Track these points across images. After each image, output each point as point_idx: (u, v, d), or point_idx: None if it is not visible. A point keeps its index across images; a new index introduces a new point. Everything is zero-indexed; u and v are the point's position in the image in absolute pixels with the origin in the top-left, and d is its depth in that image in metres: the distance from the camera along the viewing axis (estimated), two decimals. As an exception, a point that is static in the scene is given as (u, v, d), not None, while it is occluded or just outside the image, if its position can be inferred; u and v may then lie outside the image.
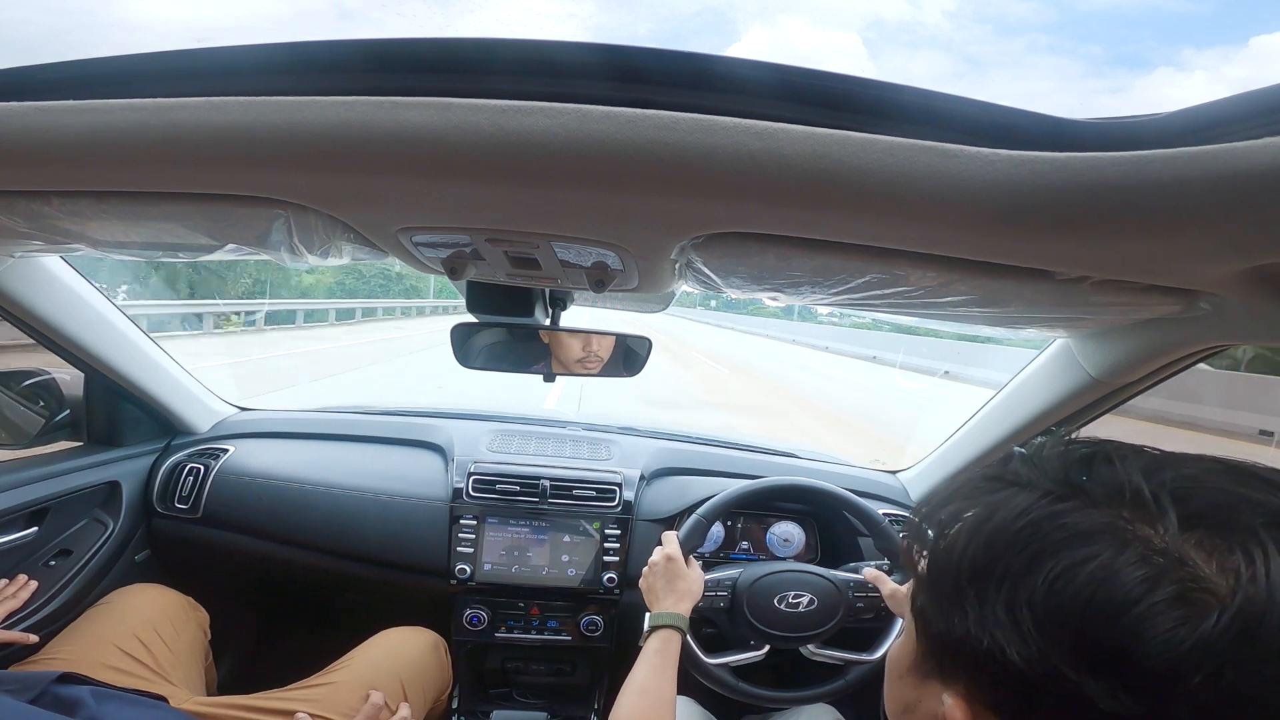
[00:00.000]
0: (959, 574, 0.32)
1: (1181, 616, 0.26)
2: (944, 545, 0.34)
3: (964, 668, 0.33)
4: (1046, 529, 0.30)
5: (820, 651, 0.99)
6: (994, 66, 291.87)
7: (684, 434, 1.48)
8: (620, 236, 0.51)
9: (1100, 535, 0.29)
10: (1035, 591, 0.29)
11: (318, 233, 0.55)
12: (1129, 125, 0.34)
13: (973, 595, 0.31)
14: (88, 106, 0.40)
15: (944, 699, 0.34)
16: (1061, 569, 0.28)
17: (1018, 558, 0.30)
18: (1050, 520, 0.30)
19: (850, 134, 0.36)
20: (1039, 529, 0.30)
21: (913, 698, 0.38)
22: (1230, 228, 0.37)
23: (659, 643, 0.81)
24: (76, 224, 0.58)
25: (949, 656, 0.34)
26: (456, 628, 1.15)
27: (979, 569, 0.31)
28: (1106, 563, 0.28)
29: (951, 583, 0.33)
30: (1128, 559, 0.27)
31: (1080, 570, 0.28)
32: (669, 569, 0.91)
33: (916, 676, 0.37)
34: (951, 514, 0.35)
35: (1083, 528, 0.29)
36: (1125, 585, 0.27)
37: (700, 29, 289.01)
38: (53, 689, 0.56)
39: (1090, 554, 0.28)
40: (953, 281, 0.52)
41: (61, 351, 0.99)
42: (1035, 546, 0.30)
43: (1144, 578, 0.27)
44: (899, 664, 0.40)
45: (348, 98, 0.37)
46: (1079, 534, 0.29)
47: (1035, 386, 0.93)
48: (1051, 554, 0.29)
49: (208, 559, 1.23)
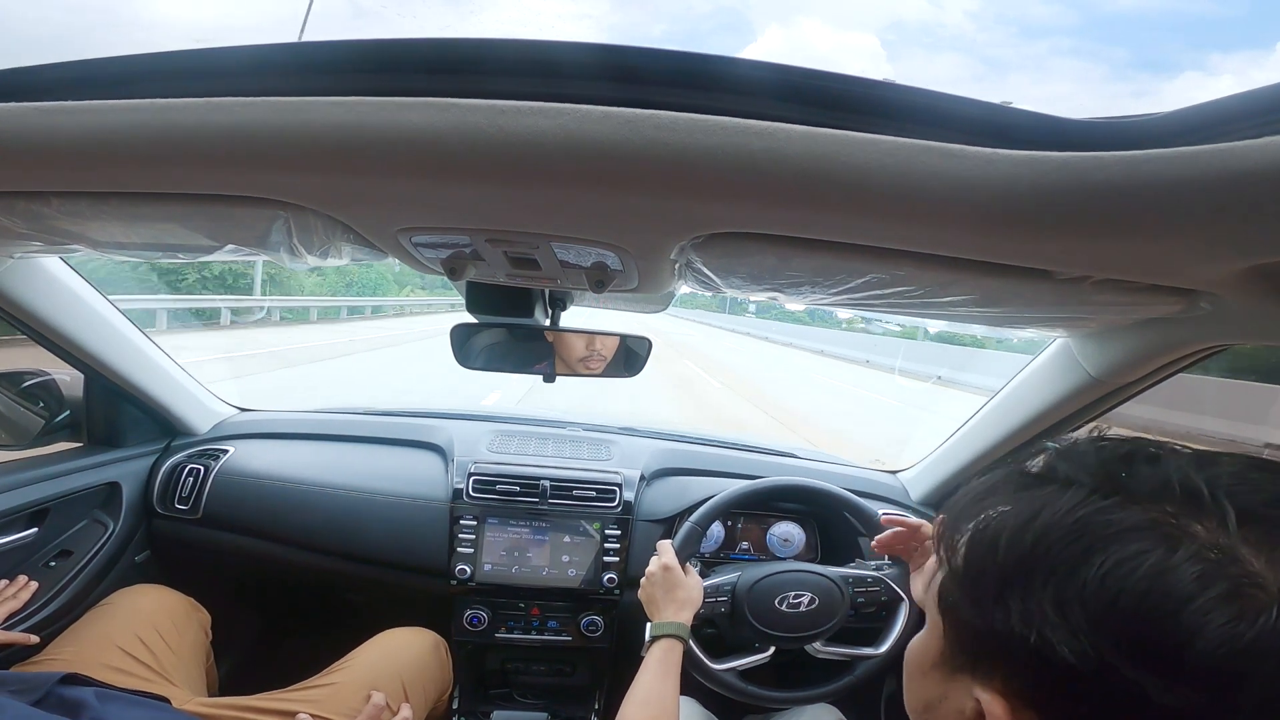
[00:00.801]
0: (1002, 570, 0.32)
1: (1237, 612, 0.27)
2: (983, 542, 0.34)
3: (1003, 664, 0.33)
4: (1094, 525, 0.30)
5: (826, 649, 0.99)
6: (1015, 69, 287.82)
7: (684, 434, 1.48)
8: (620, 237, 0.51)
9: (1147, 531, 0.29)
10: (1086, 587, 0.29)
11: (317, 233, 0.55)
12: (1129, 125, 0.34)
13: (1017, 591, 0.31)
14: (87, 107, 0.40)
15: (977, 694, 0.34)
16: (1112, 564, 0.29)
17: (1065, 554, 0.30)
18: (1097, 516, 0.30)
19: (850, 134, 0.35)
20: (1087, 525, 0.30)
21: (937, 694, 0.38)
22: (1230, 227, 0.37)
23: (661, 652, 0.81)
24: (75, 225, 0.58)
25: (986, 653, 0.34)
26: (457, 628, 1.15)
27: (1024, 565, 0.32)
28: (1161, 559, 0.28)
29: (994, 580, 0.33)
30: (1182, 556, 0.28)
31: (1132, 566, 0.28)
32: (667, 578, 0.91)
33: (943, 672, 0.37)
34: (987, 510, 0.35)
35: (1129, 523, 0.29)
36: (1180, 581, 0.27)
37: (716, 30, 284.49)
38: (57, 690, 0.56)
39: (1141, 549, 0.28)
40: (953, 281, 0.52)
41: (61, 352, 0.99)
42: (1084, 543, 0.30)
43: (1198, 575, 0.27)
44: (922, 660, 0.40)
45: (347, 98, 0.37)
46: (1127, 529, 0.29)
47: (1035, 386, 0.93)
48: (1100, 549, 0.29)
49: (208, 560, 1.23)
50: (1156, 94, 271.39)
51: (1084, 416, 0.90)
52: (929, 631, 0.39)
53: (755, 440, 1.51)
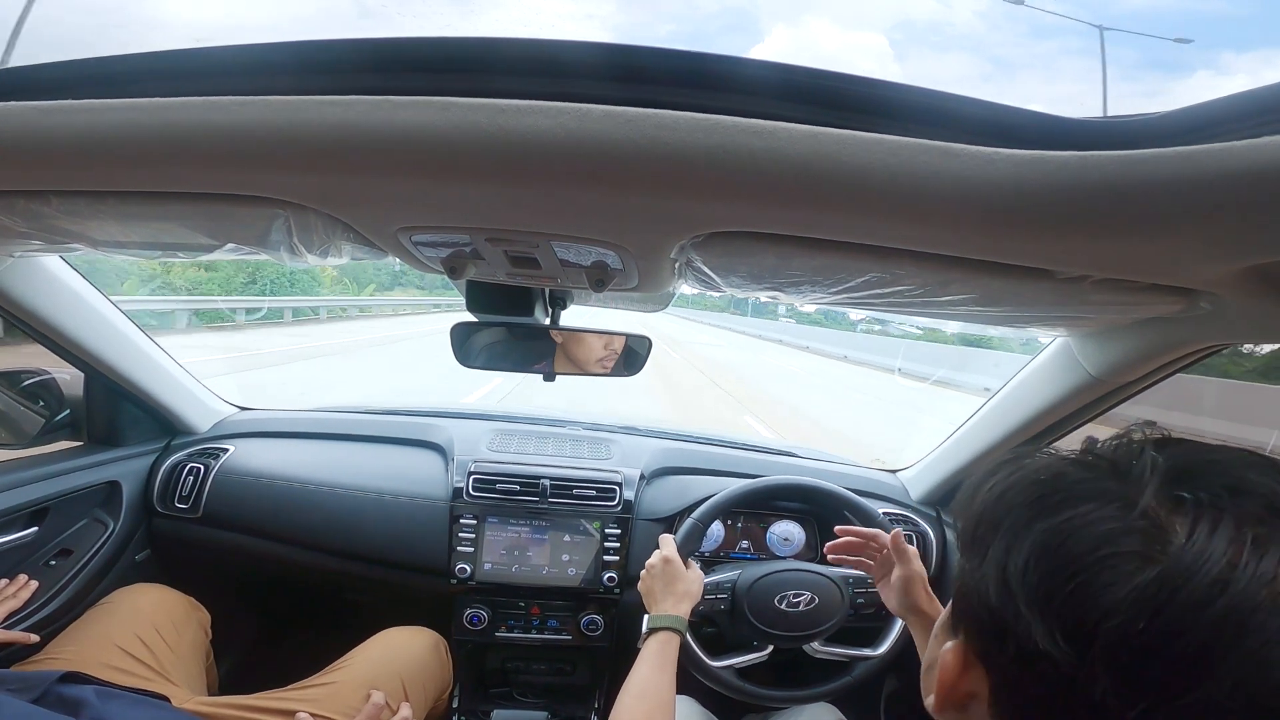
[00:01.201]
0: (978, 525, 0.34)
1: (1130, 570, 0.27)
2: (971, 505, 0.36)
3: (963, 615, 0.35)
4: (1058, 488, 0.31)
5: (824, 649, 0.99)
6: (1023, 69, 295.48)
7: (684, 433, 1.48)
8: (620, 236, 0.51)
9: (1104, 498, 0.30)
10: (1028, 540, 0.30)
11: (317, 232, 0.55)
12: (1129, 124, 0.34)
13: (982, 544, 0.33)
14: (87, 106, 0.40)
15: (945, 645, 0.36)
16: (1057, 523, 0.30)
17: (1025, 510, 0.31)
18: (1064, 479, 0.31)
19: (851, 133, 0.35)
20: (1050, 487, 0.31)
21: (935, 654, 0.39)
22: (1230, 226, 0.37)
23: (658, 644, 0.81)
24: (75, 224, 0.58)
25: (959, 604, 0.36)
26: (457, 627, 1.15)
27: (993, 520, 0.33)
28: (1085, 514, 0.29)
29: (969, 535, 0.35)
30: (1106, 513, 0.29)
31: (1071, 521, 0.29)
32: (667, 571, 0.91)
33: (944, 634, 0.39)
34: (990, 480, 0.36)
35: (1089, 490, 0.30)
36: (1095, 534, 0.28)
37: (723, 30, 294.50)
38: (56, 688, 0.56)
39: (1082, 509, 0.29)
40: (953, 281, 0.52)
41: (61, 351, 0.99)
42: (1043, 503, 0.31)
43: (1112, 529, 0.28)
44: (938, 624, 0.42)
45: (347, 97, 0.37)
46: (1082, 493, 0.30)
47: (1035, 385, 0.93)
48: (1054, 510, 0.30)
49: (208, 559, 1.23)
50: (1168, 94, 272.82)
51: (1084, 416, 0.90)
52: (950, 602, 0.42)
53: (755, 439, 1.51)
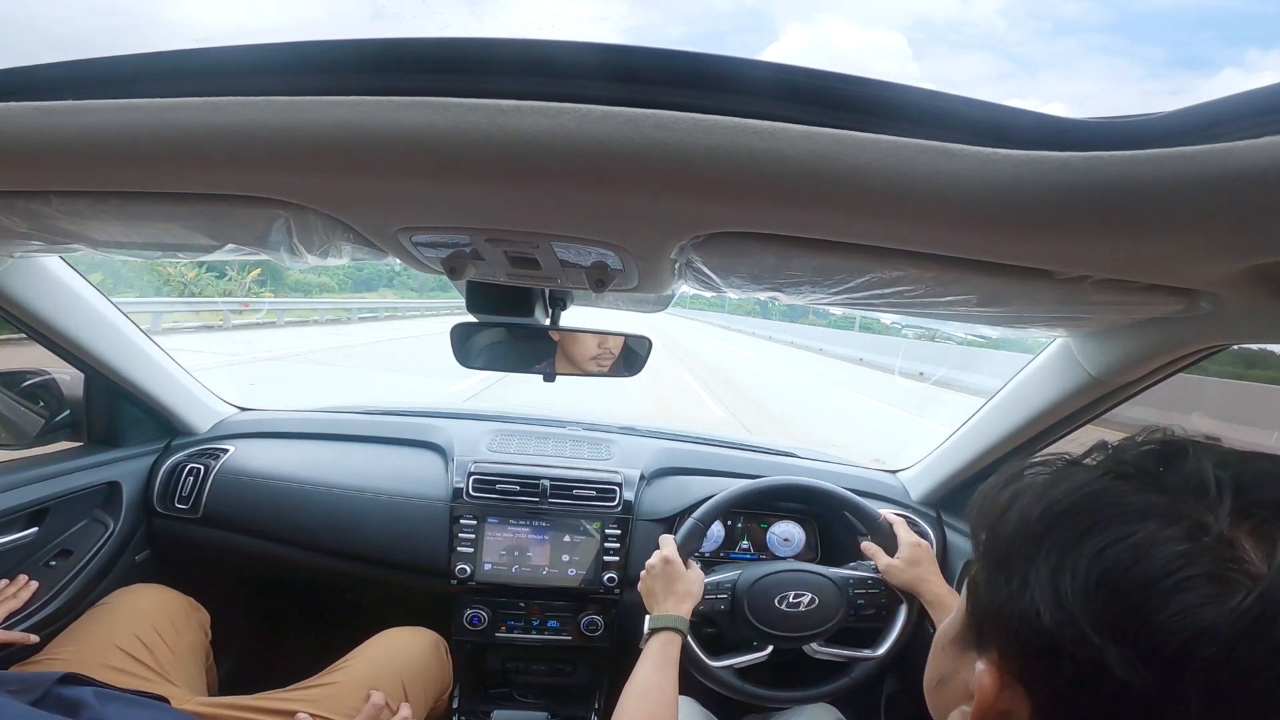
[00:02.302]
0: (1011, 542, 0.33)
1: (1211, 593, 0.26)
2: (1002, 518, 0.35)
3: (999, 634, 0.34)
4: (1104, 502, 0.30)
5: (823, 650, 0.99)
6: (1044, 68, 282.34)
7: (684, 434, 1.48)
8: (620, 236, 0.51)
9: (1153, 513, 0.29)
10: (1081, 558, 0.29)
11: (317, 233, 0.55)
12: (1129, 124, 0.34)
13: (1020, 562, 0.32)
14: (87, 106, 0.40)
15: (976, 665, 0.34)
16: (1111, 540, 0.29)
17: (1070, 527, 0.31)
18: (1109, 494, 0.31)
19: (850, 134, 0.35)
20: (1096, 501, 0.31)
21: (950, 669, 0.39)
22: (1230, 227, 0.37)
23: (659, 644, 0.81)
24: (76, 224, 0.58)
25: (988, 623, 0.35)
26: (457, 628, 1.15)
27: (1032, 538, 0.32)
28: (1151, 534, 0.28)
29: (1004, 551, 0.33)
30: (1173, 533, 0.28)
31: (1127, 540, 0.29)
32: (667, 571, 0.91)
33: (957, 648, 0.38)
34: (1014, 491, 0.35)
35: (1139, 506, 0.30)
36: (1164, 557, 0.27)
37: (736, 30, 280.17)
38: (55, 690, 0.56)
39: (1140, 528, 0.29)
40: (953, 281, 0.52)
41: (61, 351, 0.99)
42: (1091, 518, 0.30)
43: (1184, 552, 0.27)
44: (944, 637, 0.41)
45: (347, 98, 0.37)
46: (1134, 510, 0.29)
47: (1035, 386, 0.93)
48: (1104, 527, 0.30)
49: (208, 559, 1.23)
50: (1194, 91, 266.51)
51: (1084, 416, 0.90)
52: (957, 610, 0.40)
53: (755, 440, 1.51)
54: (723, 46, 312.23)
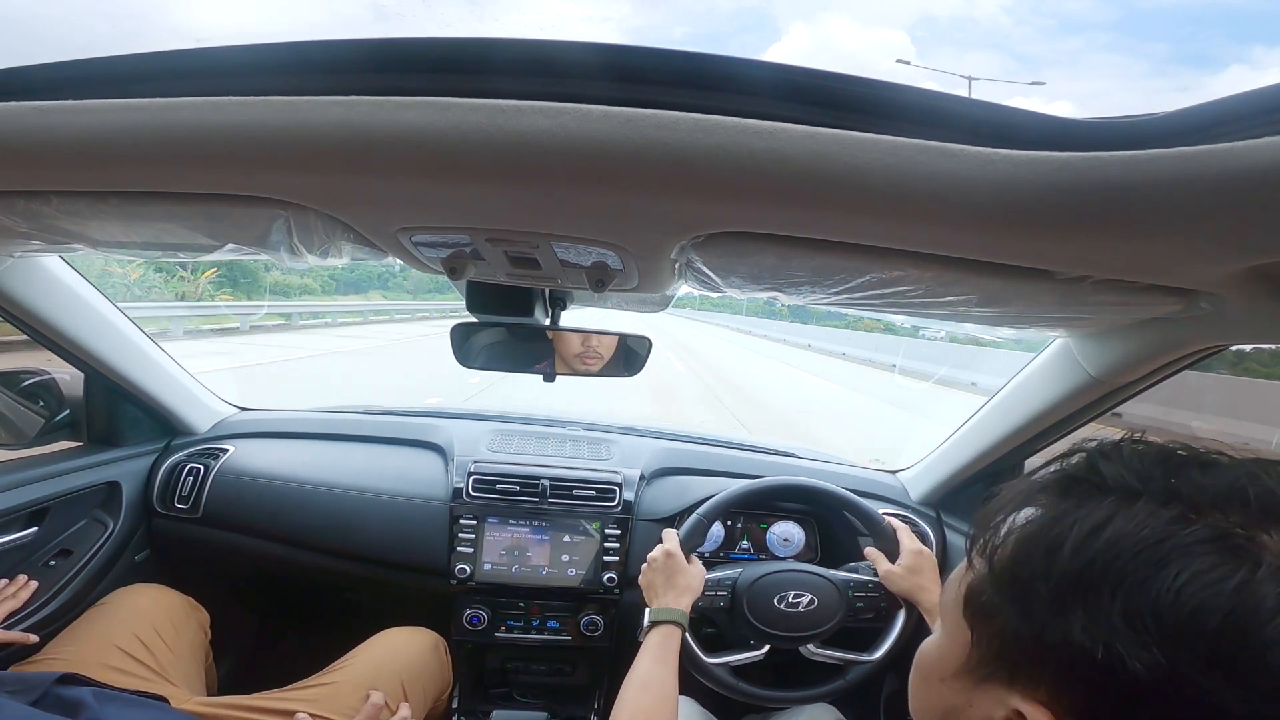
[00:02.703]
0: (1063, 580, 0.32)
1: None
2: (1036, 548, 0.33)
3: (1051, 674, 0.32)
4: (1164, 537, 0.30)
5: (820, 651, 0.99)
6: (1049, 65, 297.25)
7: (684, 434, 1.48)
8: (620, 236, 0.51)
9: (1217, 544, 0.29)
10: (1160, 599, 0.29)
11: (317, 233, 0.55)
12: (1129, 125, 0.34)
13: (1080, 602, 0.31)
14: (87, 106, 0.40)
15: (1016, 705, 0.33)
16: (1188, 578, 0.29)
17: (1135, 565, 0.30)
18: (1166, 528, 0.30)
19: (851, 134, 0.35)
20: (1158, 538, 0.30)
21: (958, 702, 0.37)
22: (1230, 227, 0.37)
23: (660, 637, 0.81)
24: (76, 224, 0.58)
25: (1028, 661, 0.33)
26: (456, 628, 1.15)
27: (1088, 576, 0.31)
28: (1245, 577, 0.28)
29: (1051, 589, 0.32)
30: (1265, 574, 0.28)
31: (1211, 581, 0.28)
32: (669, 565, 0.91)
33: (966, 681, 0.36)
34: (1029, 514, 0.34)
35: (1198, 536, 0.29)
36: (1266, 598, 0.28)
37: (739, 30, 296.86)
38: (54, 690, 0.56)
39: (1217, 563, 0.28)
40: (953, 281, 0.52)
41: (61, 351, 0.99)
42: (1156, 555, 0.30)
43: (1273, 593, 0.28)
44: (939, 667, 0.39)
45: (347, 98, 0.37)
46: (1196, 542, 0.29)
47: (1035, 386, 0.93)
48: (1172, 562, 0.29)
49: (208, 559, 1.23)
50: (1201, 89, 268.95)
51: (1084, 416, 0.90)
52: (948, 639, 0.39)
53: (754, 440, 1.51)
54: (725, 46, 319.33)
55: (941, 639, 0.40)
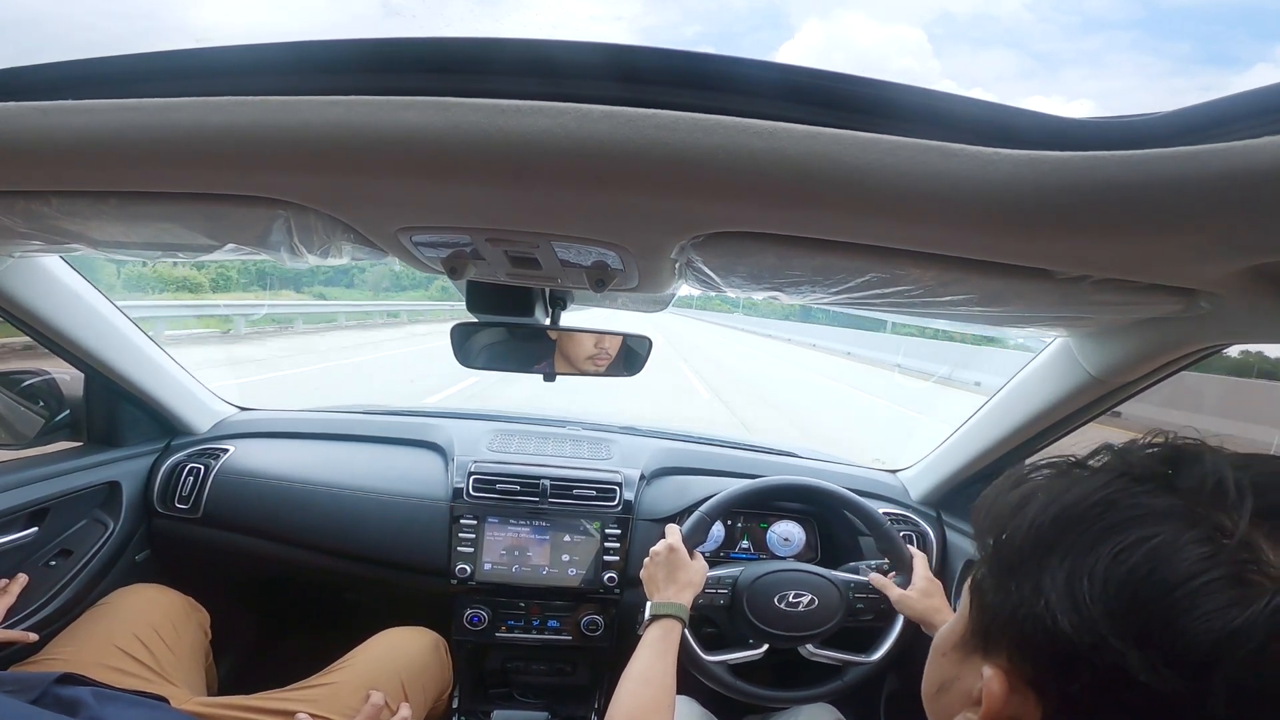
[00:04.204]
0: (1023, 545, 0.33)
1: (1235, 596, 0.26)
2: (1012, 522, 0.34)
3: (1009, 639, 0.33)
4: (1120, 505, 0.30)
5: (819, 652, 0.99)
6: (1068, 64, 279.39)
7: (684, 433, 1.48)
8: (620, 236, 0.51)
9: (1170, 515, 0.29)
10: (1098, 562, 0.29)
11: (317, 233, 0.55)
12: (1129, 124, 0.34)
13: (1034, 565, 0.32)
14: (87, 106, 0.40)
15: (986, 673, 0.34)
16: (1129, 544, 0.29)
17: (1086, 531, 0.30)
18: (1125, 497, 0.30)
19: (851, 133, 0.35)
20: (1112, 504, 0.30)
21: (951, 675, 0.38)
22: (1230, 227, 0.37)
23: (660, 631, 0.81)
24: (75, 224, 0.58)
25: (997, 628, 0.34)
26: (457, 627, 1.15)
27: (1045, 541, 0.32)
28: (1170, 539, 0.28)
29: (1015, 554, 0.33)
30: (1192, 537, 0.28)
31: (1145, 544, 0.28)
32: (671, 559, 0.91)
33: (960, 653, 0.38)
34: (1024, 494, 0.35)
35: (1156, 508, 0.29)
36: (1185, 560, 0.27)
37: (752, 28, 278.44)
38: (53, 690, 0.56)
39: (1158, 531, 0.29)
40: (953, 281, 0.52)
41: (61, 351, 0.99)
42: (1107, 520, 0.30)
43: (1204, 555, 0.27)
44: (944, 643, 0.40)
45: (347, 98, 0.37)
46: (1151, 514, 0.29)
47: (1035, 385, 0.93)
48: (1120, 530, 0.29)
49: (208, 559, 1.23)
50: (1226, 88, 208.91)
51: (1084, 416, 0.90)
52: (957, 616, 0.40)
53: (755, 439, 1.51)
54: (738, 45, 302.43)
55: (955, 617, 0.41)
